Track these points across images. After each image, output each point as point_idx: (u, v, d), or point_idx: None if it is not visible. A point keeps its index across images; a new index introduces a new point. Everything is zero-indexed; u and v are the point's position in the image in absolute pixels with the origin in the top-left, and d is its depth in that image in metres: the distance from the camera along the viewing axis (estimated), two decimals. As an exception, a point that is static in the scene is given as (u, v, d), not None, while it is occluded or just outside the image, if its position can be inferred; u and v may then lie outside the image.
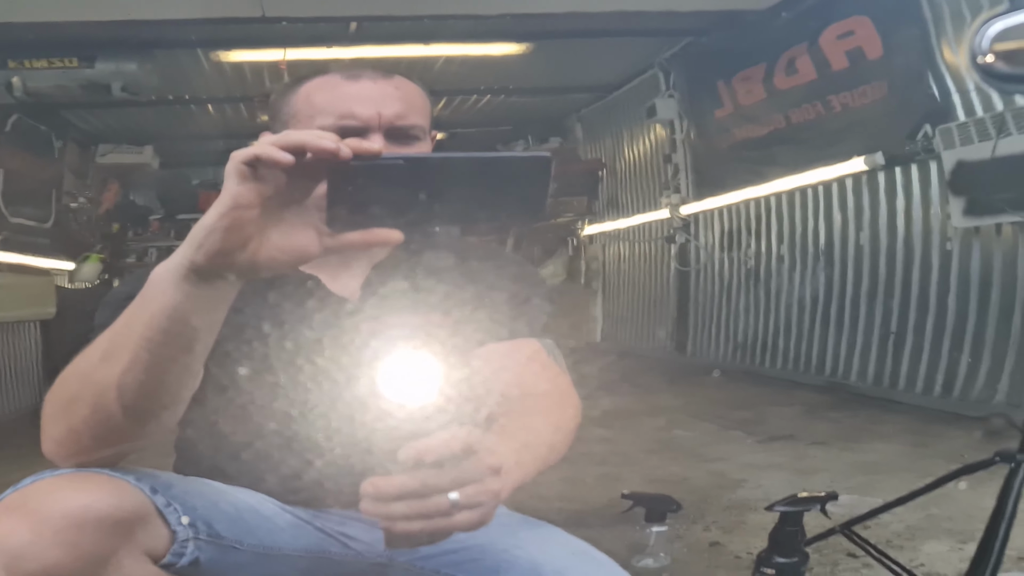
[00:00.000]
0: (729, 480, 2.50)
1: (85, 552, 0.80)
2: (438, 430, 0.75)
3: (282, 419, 0.96)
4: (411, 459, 0.73)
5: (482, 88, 5.58)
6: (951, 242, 3.21)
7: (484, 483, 0.76)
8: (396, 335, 0.95)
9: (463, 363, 0.96)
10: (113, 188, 6.20)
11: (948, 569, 1.73)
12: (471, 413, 0.87)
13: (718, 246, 4.97)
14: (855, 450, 2.84)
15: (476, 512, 0.77)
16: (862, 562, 1.75)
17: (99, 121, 5.56)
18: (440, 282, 1.03)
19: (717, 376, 4.53)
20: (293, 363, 0.96)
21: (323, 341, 0.97)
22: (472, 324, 0.99)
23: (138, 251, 6.28)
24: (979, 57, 1.13)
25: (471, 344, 1.00)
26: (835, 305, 3.89)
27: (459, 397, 0.83)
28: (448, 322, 0.98)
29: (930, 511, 1.97)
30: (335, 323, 0.98)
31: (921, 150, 3.24)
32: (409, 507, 0.75)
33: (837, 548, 1.75)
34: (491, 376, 0.99)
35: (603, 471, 2.61)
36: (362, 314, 1.00)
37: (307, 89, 1.04)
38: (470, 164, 0.75)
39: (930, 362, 3.37)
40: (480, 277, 1.06)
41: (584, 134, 6.94)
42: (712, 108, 4.76)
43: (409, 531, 0.76)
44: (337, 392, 0.91)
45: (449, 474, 0.75)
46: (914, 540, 1.88)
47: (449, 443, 0.75)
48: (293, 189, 0.73)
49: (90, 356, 0.81)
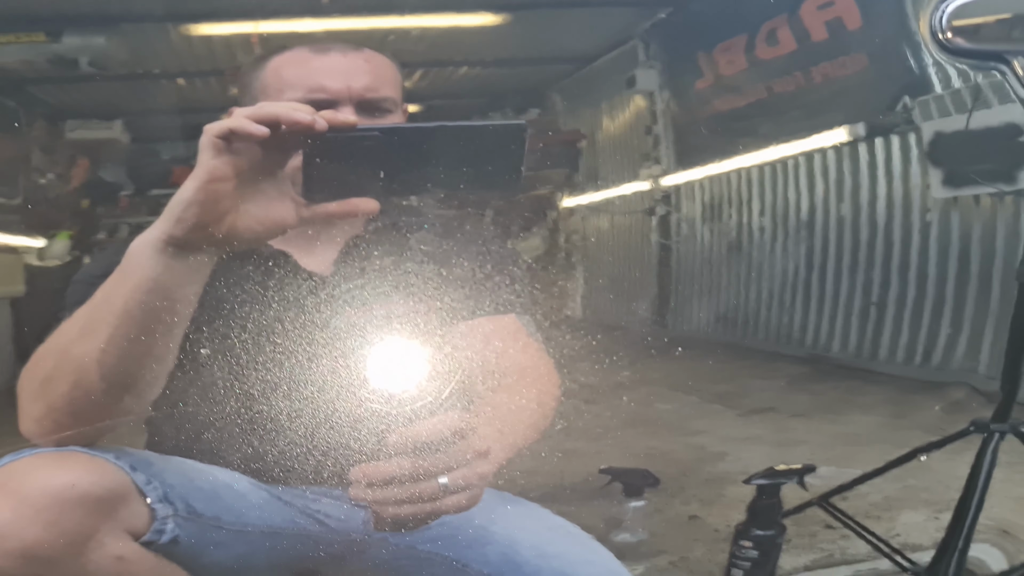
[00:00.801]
0: (709, 453, 2.51)
1: (66, 530, 0.81)
2: (426, 413, 0.76)
3: (252, 396, 0.95)
4: (402, 444, 0.74)
5: (459, 60, 5.52)
6: (931, 213, 3.23)
7: (473, 467, 0.78)
8: (369, 312, 0.94)
9: (440, 340, 0.95)
10: (82, 164, 6.09)
11: (924, 538, 1.75)
12: (450, 393, 0.86)
13: (699, 218, 4.97)
14: (836, 422, 2.87)
15: (465, 495, 0.78)
16: (839, 533, 1.77)
17: (67, 96, 5.45)
18: (415, 258, 1.02)
19: (679, 353, 4.54)
20: (264, 339, 0.95)
21: (293, 317, 0.96)
22: (449, 300, 0.99)
23: (109, 227, 6.20)
24: (939, 34, 1.13)
25: (448, 321, 0.99)
26: (816, 276, 3.92)
27: (435, 375, 0.82)
28: (424, 299, 0.97)
29: (907, 482, 1.98)
30: (306, 299, 0.97)
31: (901, 121, 3.25)
32: (399, 492, 0.76)
33: (815, 520, 1.76)
34: (469, 354, 0.99)
35: (581, 445, 2.60)
36: (334, 290, 0.99)
37: (276, 63, 1.03)
38: (445, 133, 0.74)
39: (911, 333, 3.41)
40: (457, 252, 1.05)
41: (563, 106, 6.90)
42: (693, 79, 4.75)
43: (398, 515, 0.77)
44: (307, 369, 0.90)
45: (439, 459, 0.76)
46: (891, 511, 1.91)
47: (439, 428, 0.75)
48: (268, 161, 0.73)
49: (68, 332, 0.82)
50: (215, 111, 0.73)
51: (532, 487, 0.93)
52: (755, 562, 1.47)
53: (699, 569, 1.65)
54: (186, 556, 0.90)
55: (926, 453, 1.41)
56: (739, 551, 1.48)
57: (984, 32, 1.17)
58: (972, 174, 2.86)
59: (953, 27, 1.14)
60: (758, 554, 1.47)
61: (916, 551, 1.50)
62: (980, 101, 2.76)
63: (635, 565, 0.96)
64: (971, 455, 1.37)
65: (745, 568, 1.48)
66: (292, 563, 0.99)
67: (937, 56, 1.15)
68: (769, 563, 1.48)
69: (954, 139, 2.98)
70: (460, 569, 0.97)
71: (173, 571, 0.90)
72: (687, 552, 1.71)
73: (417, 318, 0.94)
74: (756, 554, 1.47)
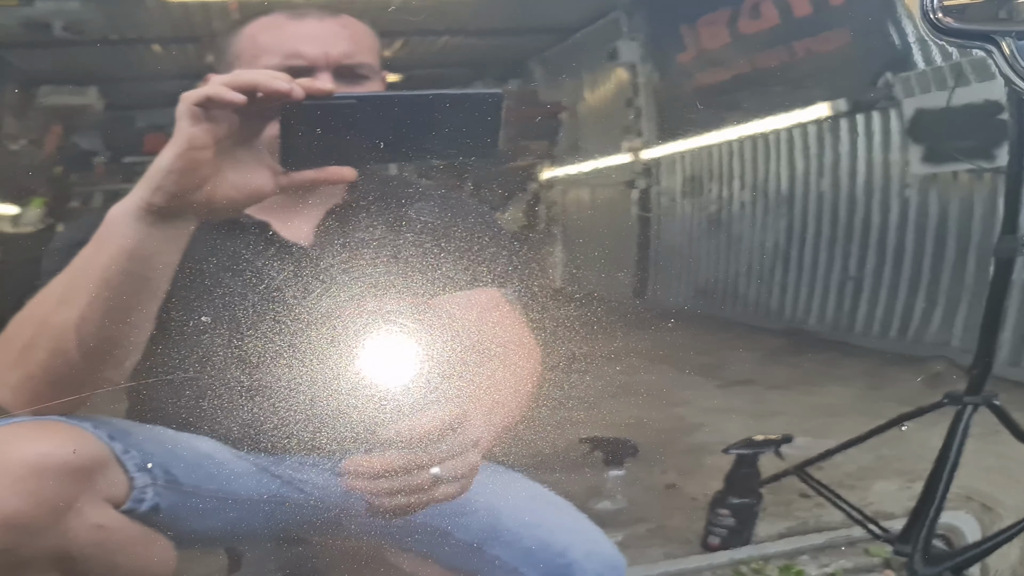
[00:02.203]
0: (688, 424, 2.53)
1: (45, 500, 0.81)
2: (418, 401, 0.77)
3: (230, 365, 0.95)
4: (395, 438, 0.74)
5: (440, 29, 5.47)
6: (909, 189, 3.27)
7: (464, 456, 0.79)
8: (349, 283, 0.93)
9: (420, 313, 0.95)
10: (56, 130, 5.99)
11: (896, 507, 1.79)
12: (431, 374, 0.87)
13: (679, 192, 4.99)
14: (813, 393, 2.90)
15: (456, 485, 0.80)
16: (814, 502, 1.81)
17: (40, 61, 5.35)
18: (396, 228, 1.01)
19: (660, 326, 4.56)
20: (242, 308, 0.94)
21: (272, 287, 0.95)
22: (429, 272, 0.98)
23: (83, 195, 6.12)
24: (930, 13, 1.13)
25: (428, 293, 0.99)
26: (795, 250, 3.95)
27: (415, 351, 0.82)
28: (403, 270, 0.97)
29: (881, 452, 2.02)
30: (284, 269, 0.97)
31: (882, 97, 3.27)
32: (392, 484, 0.77)
33: (791, 489, 1.79)
34: (450, 329, 0.99)
35: (561, 416, 2.61)
36: (313, 260, 0.99)
37: (251, 29, 1.02)
38: (422, 101, 0.74)
39: (887, 306, 3.46)
40: (438, 223, 1.05)
41: (544, 77, 6.87)
42: (675, 52, 4.73)
43: (390, 505, 0.78)
44: (285, 338, 0.90)
45: (432, 450, 0.77)
46: (865, 480, 1.94)
47: (434, 422, 0.76)
48: (245, 129, 0.73)
49: (45, 300, 0.81)
50: (191, 78, 0.72)
51: (512, 457, 0.93)
52: (732, 529, 1.49)
53: (677, 537, 1.68)
54: (168, 524, 0.90)
55: (904, 423, 1.44)
56: (716, 519, 1.50)
57: (971, 12, 1.18)
58: (952, 151, 2.90)
59: (943, 6, 1.15)
60: (735, 521, 1.50)
61: (889, 519, 1.53)
62: (961, 79, 2.78)
63: (615, 533, 0.98)
64: (943, 427, 1.40)
65: (722, 535, 1.51)
66: (276, 531, 0.99)
67: (927, 35, 1.16)
68: (746, 530, 1.51)
69: (935, 116, 3.00)
70: (442, 537, 0.98)
71: (155, 539, 0.90)
72: (665, 520, 1.74)
73: (396, 291, 0.94)
74: (733, 521, 1.49)
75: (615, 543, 1.53)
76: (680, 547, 1.67)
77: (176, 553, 0.94)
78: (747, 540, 1.55)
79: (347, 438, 0.79)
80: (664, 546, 1.68)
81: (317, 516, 1.02)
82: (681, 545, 1.68)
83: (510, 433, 0.93)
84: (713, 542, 1.55)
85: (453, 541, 0.99)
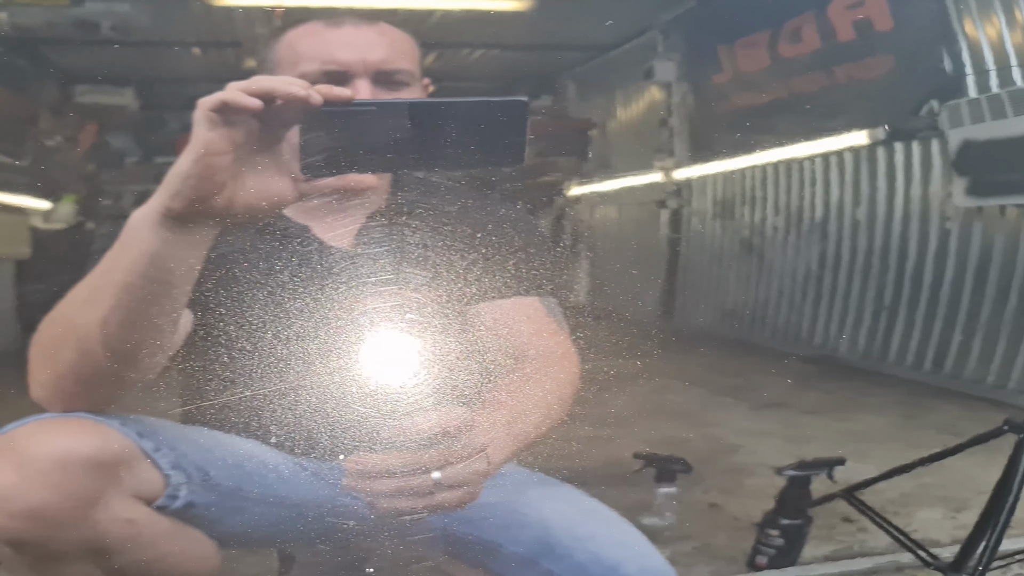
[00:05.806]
0: (724, 445, 2.51)
1: (71, 493, 0.81)
2: (428, 406, 0.76)
3: (275, 369, 0.94)
4: (396, 437, 0.73)
5: (477, 42, 5.49)
6: (951, 221, 3.21)
7: (469, 463, 0.77)
8: (388, 289, 0.93)
9: (457, 322, 0.95)
10: (91, 128, 6.04)
11: (943, 536, 1.76)
12: (462, 380, 0.86)
13: (711, 213, 4.96)
14: (846, 419, 2.87)
15: (459, 492, 0.78)
16: (857, 526, 1.78)
17: (80, 60, 5.41)
18: (436, 234, 1.00)
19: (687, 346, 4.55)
20: (286, 312, 0.94)
21: (314, 291, 0.95)
22: (468, 280, 0.97)
23: (114, 193, 6.16)
24: None
25: (467, 302, 0.98)
26: (828, 278, 3.91)
27: (452, 360, 0.82)
28: (443, 277, 0.97)
29: (923, 480, 1.99)
30: (326, 273, 0.96)
31: (925, 126, 3.22)
32: (391, 485, 0.76)
33: (834, 513, 1.76)
34: (486, 338, 0.98)
35: (598, 432, 2.60)
36: (354, 265, 0.98)
37: (291, 36, 1.02)
38: (444, 108, 0.73)
39: (921, 337, 3.41)
40: (479, 230, 1.03)
41: (577, 93, 6.87)
42: (711, 73, 4.72)
43: (391, 508, 0.77)
44: (328, 343, 0.89)
45: (434, 454, 0.76)
46: (908, 507, 1.91)
47: (436, 423, 0.75)
48: (266, 135, 0.72)
49: (73, 301, 0.81)
50: (227, 82, 0.72)
51: (562, 470, 0.92)
52: (780, 550, 1.47)
53: (722, 555, 1.66)
54: (205, 521, 0.89)
55: (964, 450, 1.42)
56: (766, 538, 1.48)
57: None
58: (1002, 185, 2.83)
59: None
60: (784, 542, 1.48)
61: (933, 547, 1.50)
62: (1015, 108, 2.72)
63: (662, 549, 0.96)
64: (986, 456, 1.37)
65: (770, 555, 1.48)
66: (321, 536, 0.98)
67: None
68: (794, 551, 1.49)
69: (984, 147, 2.94)
70: (493, 550, 0.97)
71: (191, 534, 0.90)
72: (710, 539, 1.71)
73: (437, 298, 0.93)
74: (782, 542, 1.48)
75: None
76: (727, 565, 1.65)
77: (217, 552, 0.93)
78: (794, 561, 1.53)
79: (361, 440, 0.79)
80: (710, 564, 1.66)
81: (366, 522, 1.01)
82: (727, 563, 1.66)
83: (538, 445, 0.91)
84: (761, 562, 1.52)
85: (505, 553, 0.97)
